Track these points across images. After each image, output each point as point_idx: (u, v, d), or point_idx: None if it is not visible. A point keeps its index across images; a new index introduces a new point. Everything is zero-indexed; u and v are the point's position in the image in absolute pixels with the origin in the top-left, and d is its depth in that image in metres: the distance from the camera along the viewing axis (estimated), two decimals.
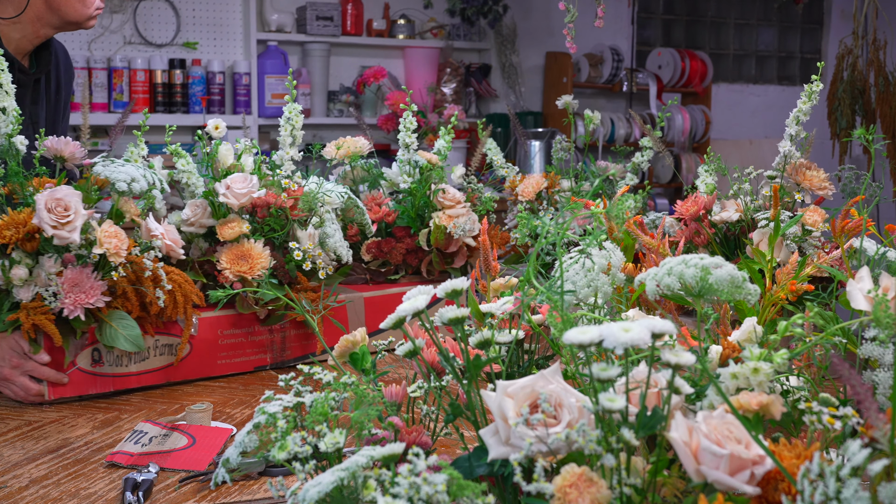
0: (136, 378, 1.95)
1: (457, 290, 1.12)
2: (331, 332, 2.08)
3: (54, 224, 1.77)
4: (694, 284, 1.09)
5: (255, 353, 2.10)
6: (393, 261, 2.39)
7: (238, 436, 1.06)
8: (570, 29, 2.37)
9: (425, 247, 2.40)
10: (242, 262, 2.03)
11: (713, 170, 2.23)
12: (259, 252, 2.04)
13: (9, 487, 1.44)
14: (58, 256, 1.82)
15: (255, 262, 2.03)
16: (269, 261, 2.04)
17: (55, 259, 1.82)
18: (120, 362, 1.93)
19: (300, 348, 2.15)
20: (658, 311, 1.52)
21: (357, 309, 2.21)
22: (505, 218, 2.77)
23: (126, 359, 1.93)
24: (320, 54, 5.65)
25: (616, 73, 6.39)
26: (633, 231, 1.74)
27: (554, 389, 0.94)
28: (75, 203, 1.80)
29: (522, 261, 2.53)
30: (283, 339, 2.12)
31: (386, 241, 2.39)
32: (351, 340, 1.28)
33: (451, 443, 1.43)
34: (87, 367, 1.90)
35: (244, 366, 2.10)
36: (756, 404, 0.95)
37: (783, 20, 7.50)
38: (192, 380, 2.03)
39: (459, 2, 5.86)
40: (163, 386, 1.99)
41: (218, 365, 2.06)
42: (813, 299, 1.65)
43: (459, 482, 0.86)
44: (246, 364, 2.09)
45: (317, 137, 5.74)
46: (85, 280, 1.81)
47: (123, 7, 5.24)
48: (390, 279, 2.40)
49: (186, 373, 2.01)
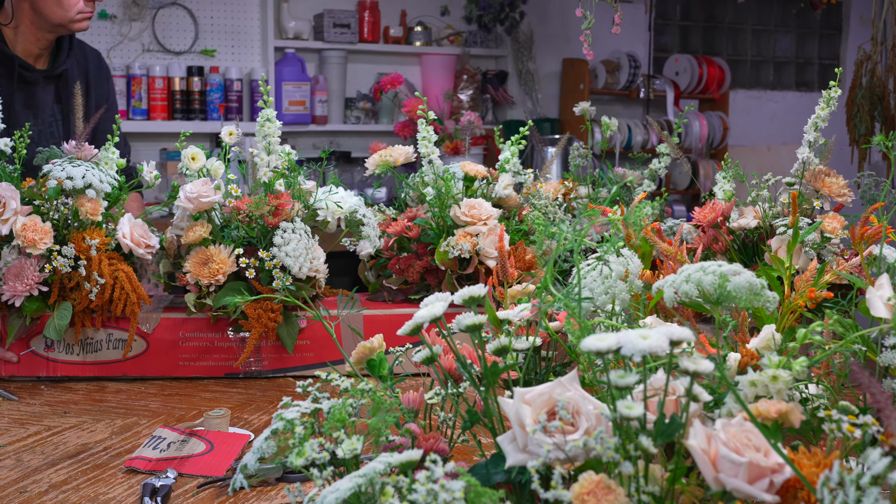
0: (85, 367, 2.09)
1: (474, 296, 1.12)
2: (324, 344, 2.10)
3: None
4: (712, 291, 1.09)
5: (222, 359, 2.11)
6: (410, 279, 2.24)
7: (256, 442, 1.06)
8: (587, 35, 2.37)
9: (441, 266, 2.24)
10: (204, 266, 2.05)
11: (731, 176, 2.22)
12: (223, 258, 2.04)
13: (29, 492, 1.45)
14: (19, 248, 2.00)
15: (217, 268, 2.03)
16: (232, 267, 2.04)
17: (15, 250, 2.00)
18: (70, 350, 2.09)
19: (277, 360, 2.12)
20: (676, 319, 1.52)
21: (356, 327, 2.13)
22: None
23: (77, 348, 2.08)
24: (337, 61, 5.66)
25: (633, 79, 6.38)
26: (651, 238, 1.73)
27: (572, 396, 0.94)
28: (9, 198, 1.97)
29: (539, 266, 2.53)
30: (258, 350, 2.12)
31: (406, 258, 2.25)
32: (368, 347, 1.28)
33: (468, 450, 1.43)
34: (40, 351, 2.09)
35: (211, 370, 2.12)
36: (775, 412, 0.94)
37: (801, 26, 7.48)
38: (150, 377, 2.11)
39: (476, 8, 5.86)
40: (117, 379, 2.10)
41: (180, 366, 2.11)
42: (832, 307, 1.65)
43: (477, 489, 0.86)
44: (213, 370, 2.12)
45: (333, 144, 5.75)
46: (25, 270, 1.98)
47: (142, 15, 5.27)
48: (410, 298, 2.27)
49: (144, 370, 2.10)
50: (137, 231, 2.09)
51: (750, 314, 1.48)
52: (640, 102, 6.56)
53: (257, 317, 2.04)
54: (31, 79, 2.58)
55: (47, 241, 1.97)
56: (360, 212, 2.19)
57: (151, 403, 1.93)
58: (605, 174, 2.65)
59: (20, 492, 1.45)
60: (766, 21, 7.36)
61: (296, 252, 2.03)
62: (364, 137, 5.77)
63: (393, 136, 5.59)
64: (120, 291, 2.04)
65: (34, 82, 2.61)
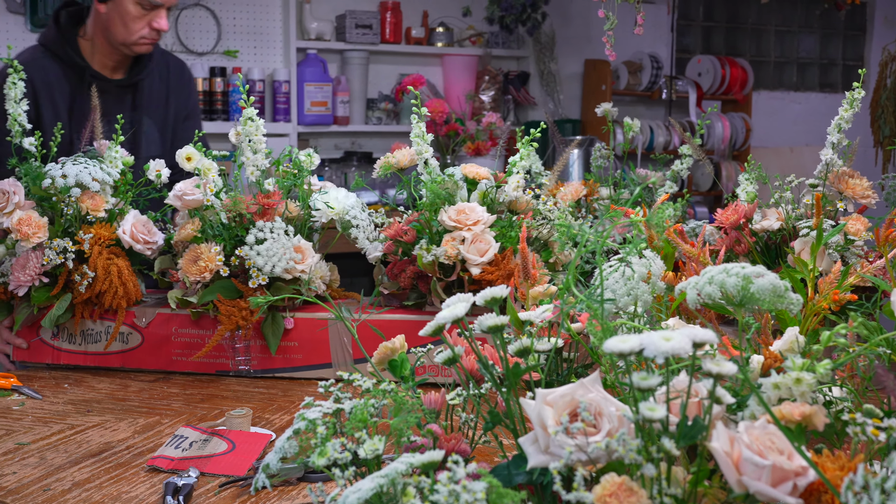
0: (86, 357, 2.18)
1: (496, 297, 1.12)
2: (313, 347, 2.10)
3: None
4: (735, 294, 1.09)
5: (214, 356, 2.13)
6: (403, 284, 2.14)
7: (278, 441, 1.06)
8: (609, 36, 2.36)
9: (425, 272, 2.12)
10: (193, 263, 2.08)
11: (754, 178, 2.21)
12: (210, 256, 2.07)
13: (52, 490, 1.46)
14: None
15: (204, 265, 2.07)
16: (217, 265, 2.06)
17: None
18: (73, 340, 2.19)
19: (265, 361, 2.12)
20: (698, 320, 1.51)
21: (345, 330, 2.09)
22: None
23: (79, 338, 2.18)
24: (359, 62, 5.66)
25: (655, 80, 6.36)
26: (674, 239, 1.73)
27: (594, 398, 0.94)
28: (12, 193, 2.09)
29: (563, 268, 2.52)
30: (247, 349, 2.13)
31: (399, 263, 2.14)
32: (390, 347, 1.28)
33: (489, 451, 1.42)
34: (47, 340, 2.20)
35: (204, 367, 2.14)
36: (798, 415, 0.94)
37: (825, 27, 7.43)
38: (146, 370, 2.17)
39: (498, 10, 5.85)
40: (116, 370, 2.18)
41: (173, 361, 2.16)
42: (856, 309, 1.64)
43: (499, 490, 0.86)
44: (206, 366, 2.14)
45: (355, 145, 5.76)
46: (30, 262, 2.10)
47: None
48: (403, 305, 2.17)
49: (138, 363, 2.17)
50: (139, 227, 2.16)
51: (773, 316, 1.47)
52: (663, 103, 6.53)
53: (228, 314, 2.06)
54: (102, 87, 2.66)
55: (41, 235, 2.08)
56: (351, 213, 2.17)
57: (174, 403, 1.93)
58: (628, 175, 2.65)
59: (44, 490, 1.46)
60: (789, 22, 7.32)
61: (269, 251, 2.03)
62: (386, 138, 5.77)
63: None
64: (109, 285, 2.10)
65: (106, 91, 2.72)
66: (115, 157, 2.23)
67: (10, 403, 1.92)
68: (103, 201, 2.16)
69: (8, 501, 1.41)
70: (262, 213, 2.08)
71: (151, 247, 2.17)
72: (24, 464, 1.57)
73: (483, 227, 2.08)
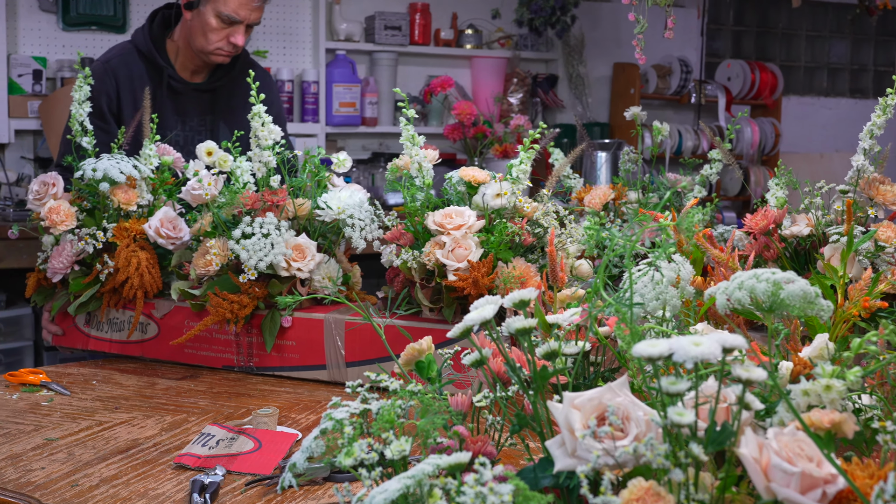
0: (112, 345, 2.27)
1: (524, 300, 1.12)
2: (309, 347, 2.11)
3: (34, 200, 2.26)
4: (765, 299, 1.08)
5: (221, 350, 2.17)
6: (396, 289, 2.09)
7: (305, 441, 1.07)
8: (639, 40, 2.35)
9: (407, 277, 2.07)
10: (202, 257, 2.13)
11: (783, 183, 2.20)
12: (216, 251, 2.11)
13: (80, 486, 1.47)
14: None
15: (210, 259, 2.11)
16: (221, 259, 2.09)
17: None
18: (101, 328, 2.28)
19: (265, 358, 2.14)
20: (726, 326, 1.50)
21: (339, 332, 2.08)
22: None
23: (106, 326, 2.27)
24: (388, 63, 5.67)
25: (684, 84, 6.33)
26: (703, 244, 1.72)
27: (622, 402, 0.93)
28: (49, 184, 2.23)
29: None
30: (250, 345, 2.15)
31: (393, 268, 2.09)
32: (417, 349, 1.28)
33: (514, 453, 1.42)
34: (81, 326, 2.30)
35: (211, 360, 2.18)
36: (828, 422, 0.93)
37: (856, 32, 7.38)
38: (163, 361, 2.24)
39: (527, 12, 5.85)
40: (136, 359, 2.26)
41: (185, 353, 2.21)
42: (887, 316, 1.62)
43: (525, 493, 0.86)
44: (213, 360, 2.18)
45: (383, 146, 5.77)
46: (64, 251, 2.21)
47: None
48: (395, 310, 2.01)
49: (155, 353, 2.24)
50: (166, 223, 2.20)
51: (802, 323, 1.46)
52: (691, 108, 6.51)
53: (216, 306, 2.08)
54: (179, 89, 2.87)
55: (69, 224, 2.20)
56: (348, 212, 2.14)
57: (201, 401, 1.94)
58: (657, 179, 2.64)
59: (72, 485, 1.47)
60: (820, 27, 7.27)
61: (254, 246, 2.05)
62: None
63: (442, 139, 5.60)
64: (128, 276, 2.19)
65: (183, 92, 2.89)
66: (150, 155, 2.32)
67: (39, 399, 1.93)
68: (136, 196, 2.24)
69: (36, 496, 1.43)
70: (267, 209, 2.10)
71: (175, 242, 2.20)
72: (52, 459, 1.58)
73: (466, 231, 1.99)
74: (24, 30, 4.82)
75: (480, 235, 2.02)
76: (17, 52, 4.78)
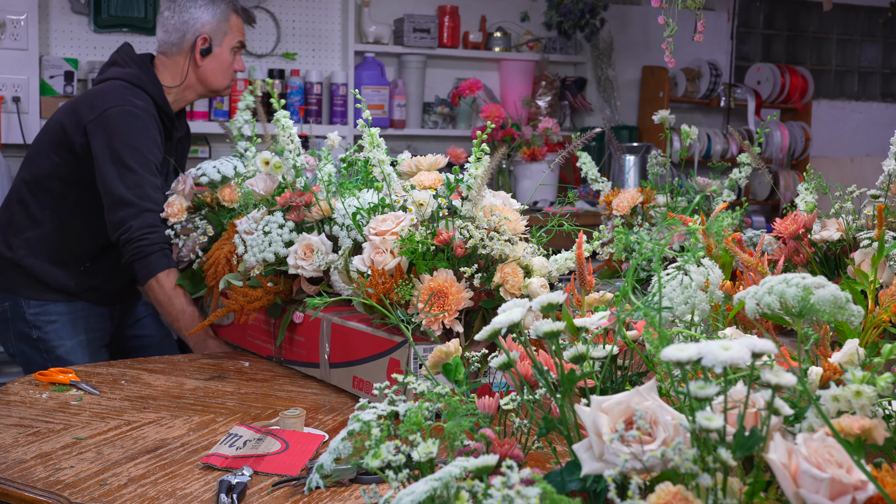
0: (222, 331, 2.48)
1: (552, 303, 1.11)
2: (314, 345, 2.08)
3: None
4: (795, 304, 1.07)
5: (266, 341, 2.27)
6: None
7: (332, 442, 1.07)
8: (668, 43, 2.34)
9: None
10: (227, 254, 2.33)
11: (813, 188, 2.18)
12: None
13: (108, 485, 1.48)
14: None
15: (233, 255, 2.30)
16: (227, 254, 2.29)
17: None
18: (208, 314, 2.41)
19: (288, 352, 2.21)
20: (755, 330, 1.50)
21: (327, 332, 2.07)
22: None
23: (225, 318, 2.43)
24: (416, 66, 5.68)
25: (714, 87, 6.30)
26: (732, 248, 1.71)
27: (650, 406, 0.93)
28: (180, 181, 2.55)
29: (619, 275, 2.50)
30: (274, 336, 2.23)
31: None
32: (444, 351, 1.28)
33: (541, 456, 1.42)
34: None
35: (260, 349, 2.30)
36: (858, 428, 0.93)
37: (888, 36, 7.32)
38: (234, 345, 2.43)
39: (556, 15, 5.84)
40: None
41: (246, 340, 2.37)
42: None
43: (552, 496, 0.85)
44: (261, 348, 2.30)
45: (411, 148, 5.77)
46: (188, 243, 2.49)
47: None
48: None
49: (227, 336, 2.46)
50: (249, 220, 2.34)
51: (832, 328, 1.45)
52: (721, 111, 6.47)
53: (233, 298, 2.18)
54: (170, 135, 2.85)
55: (180, 217, 2.51)
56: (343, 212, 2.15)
57: (228, 401, 1.95)
58: (686, 183, 2.63)
59: (100, 484, 1.48)
60: (851, 30, 7.22)
61: (252, 242, 2.17)
62: (441, 142, 5.78)
63: (470, 142, 5.59)
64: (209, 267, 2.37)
65: (170, 138, 2.87)
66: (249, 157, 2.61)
67: (69, 398, 1.95)
68: (233, 191, 2.48)
69: (65, 495, 1.44)
70: (291, 209, 2.19)
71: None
72: (81, 458, 1.60)
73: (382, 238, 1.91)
74: (55, 31, 4.86)
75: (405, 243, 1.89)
76: (49, 53, 4.82)
